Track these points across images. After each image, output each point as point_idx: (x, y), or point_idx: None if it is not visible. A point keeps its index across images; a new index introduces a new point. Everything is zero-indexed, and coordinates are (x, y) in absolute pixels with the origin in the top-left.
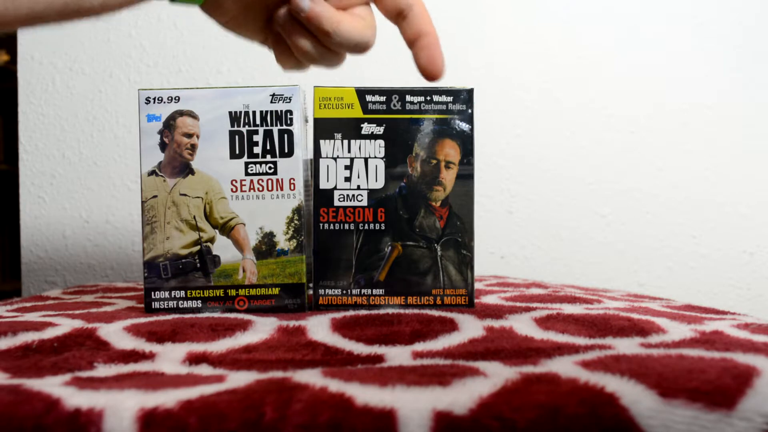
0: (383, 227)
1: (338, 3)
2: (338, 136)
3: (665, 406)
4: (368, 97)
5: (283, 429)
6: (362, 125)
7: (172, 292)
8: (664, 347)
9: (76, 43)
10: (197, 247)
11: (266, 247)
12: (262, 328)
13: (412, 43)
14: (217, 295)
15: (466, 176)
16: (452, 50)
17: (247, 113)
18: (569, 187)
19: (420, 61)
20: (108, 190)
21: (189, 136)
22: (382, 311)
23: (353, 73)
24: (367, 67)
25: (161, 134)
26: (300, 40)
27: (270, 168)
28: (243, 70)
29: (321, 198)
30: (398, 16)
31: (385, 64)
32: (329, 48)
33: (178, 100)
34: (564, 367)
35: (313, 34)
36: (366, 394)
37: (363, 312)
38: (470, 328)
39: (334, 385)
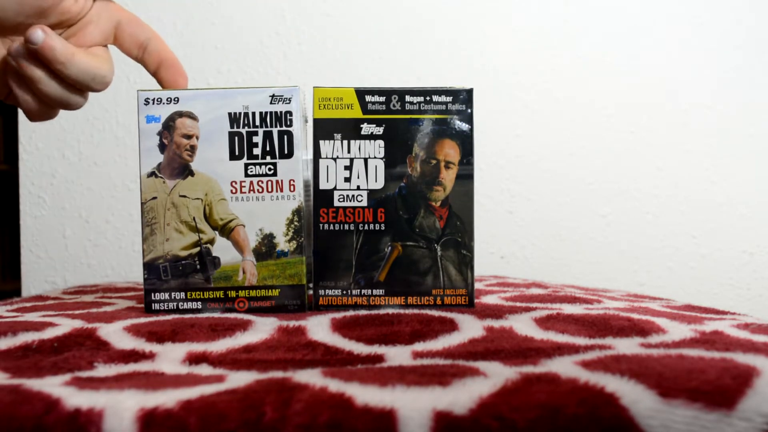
0: (383, 227)
1: (75, 42)
2: (338, 136)
3: (665, 406)
4: (368, 98)
5: (283, 429)
6: (362, 125)
7: (172, 293)
8: (664, 347)
9: None
10: (197, 249)
11: (266, 249)
12: (262, 328)
13: (156, 70)
14: (217, 296)
15: (465, 176)
16: (452, 50)
17: (246, 114)
18: (569, 187)
19: (164, 84)
20: (108, 190)
21: (188, 137)
22: (382, 311)
23: (353, 73)
24: (366, 68)
25: (160, 135)
26: (34, 71)
27: (270, 169)
28: (243, 70)
29: (321, 198)
30: (139, 50)
31: (385, 64)
32: (67, 82)
33: (178, 101)
34: (564, 367)
35: (49, 68)
36: (366, 394)
37: (363, 312)
38: (470, 328)
39: (334, 385)
